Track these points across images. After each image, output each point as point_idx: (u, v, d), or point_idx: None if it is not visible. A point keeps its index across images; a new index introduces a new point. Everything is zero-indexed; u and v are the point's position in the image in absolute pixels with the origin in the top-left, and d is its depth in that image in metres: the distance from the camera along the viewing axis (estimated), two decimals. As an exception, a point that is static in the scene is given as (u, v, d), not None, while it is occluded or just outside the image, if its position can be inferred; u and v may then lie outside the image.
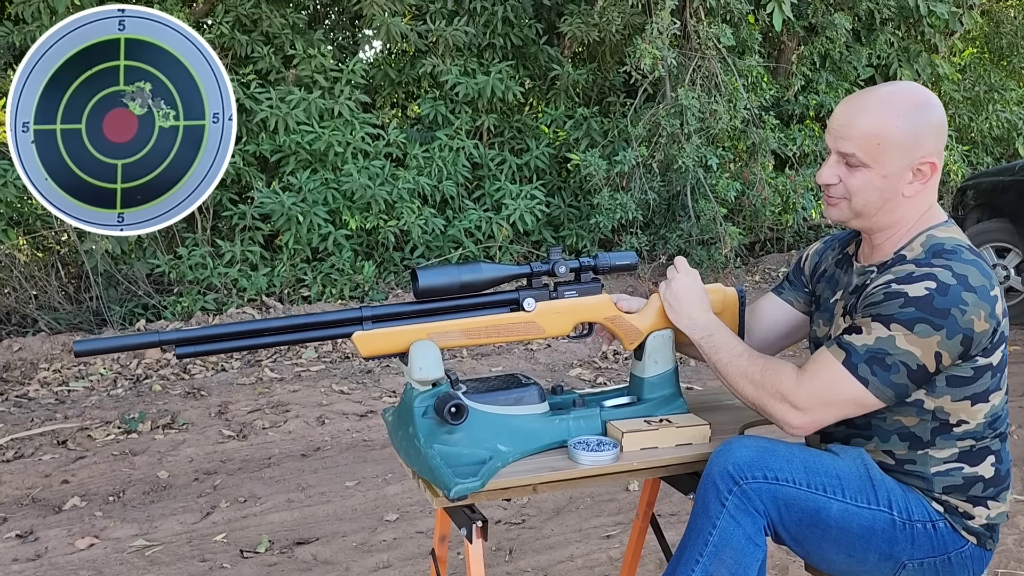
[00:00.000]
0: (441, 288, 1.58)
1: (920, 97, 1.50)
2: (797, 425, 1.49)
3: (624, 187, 6.48)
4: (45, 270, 5.59)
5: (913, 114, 1.47)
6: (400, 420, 1.64)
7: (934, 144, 1.49)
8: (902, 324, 1.40)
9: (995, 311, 1.43)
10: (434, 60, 6.37)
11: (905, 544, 1.47)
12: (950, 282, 1.39)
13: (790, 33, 7.46)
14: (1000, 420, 1.53)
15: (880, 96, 1.50)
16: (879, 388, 1.42)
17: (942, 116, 1.51)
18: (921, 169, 1.49)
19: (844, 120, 1.51)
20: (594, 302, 1.69)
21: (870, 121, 1.47)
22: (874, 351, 1.42)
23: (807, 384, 1.47)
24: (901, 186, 1.50)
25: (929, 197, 1.54)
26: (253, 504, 3.14)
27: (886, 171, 1.49)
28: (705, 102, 6.42)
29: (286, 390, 4.44)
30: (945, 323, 1.38)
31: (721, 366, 1.59)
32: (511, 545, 2.79)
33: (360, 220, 5.91)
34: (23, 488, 3.31)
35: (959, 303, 1.39)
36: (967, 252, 1.46)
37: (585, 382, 4.65)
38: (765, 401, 1.51)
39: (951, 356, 1.41)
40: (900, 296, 1.41)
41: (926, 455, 1.51)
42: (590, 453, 1.56)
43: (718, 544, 1.44)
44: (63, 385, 4.58)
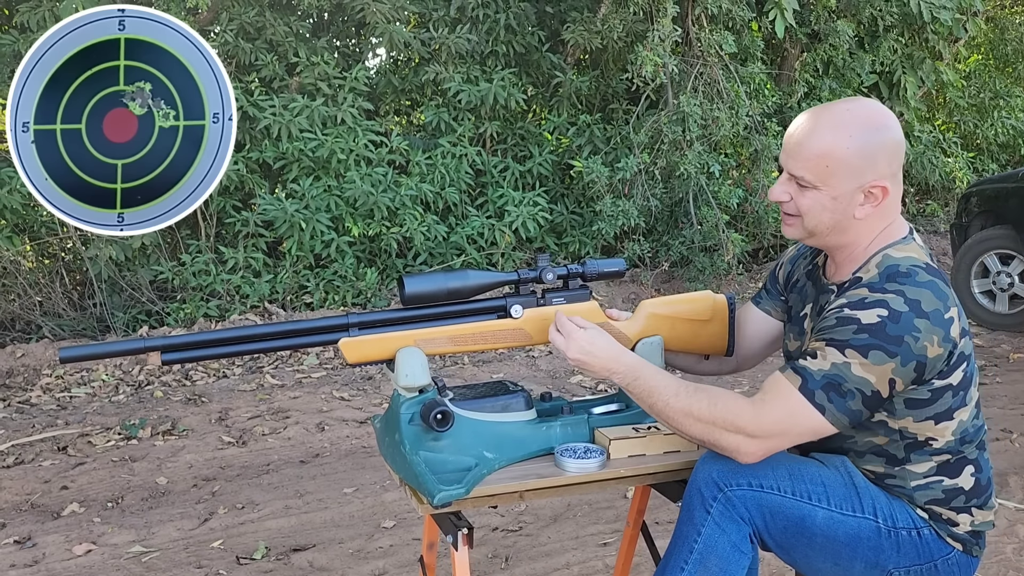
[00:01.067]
0: (428, 295, 1.58)
1: (876, 118, 1.46)
2: (751, 452, 1.44)
3: (626, 194, 6.48)
4: (49, 276, 5.62)
5: (866, 136, 1.44)
6: (387, 427, 1.64)
7: (887, 167, 1.46)
8: (857, 350, 1.38)
9: (950, 334, 1.40)
10: (437, 67, 6.39)
11: (891, 552, 1.46)
12: (902, 309, 1.37)
13: (793, 40, 7.45)
14: (975, 432, 1.52)
15: (834, 115, 1.46)
16: (835, 415, 1.40)
17: (897, 138, 1.47)
18: (872, 192, 1.46)
19: (796, 139, 1.48)
20: (582, 309, 1.69)
21: (820, 142, 1.45)
22: (831, 377, 1.39)
23: (766, 415, 1.43)
24: (852, 208, 1.47)
25: (885, 218, 1.50)
26: (251, 511, 3.15)
27: (835, 193, 1.46)
28: (707, 109, 6.42)
29: (287, 396, 4.45)
30: (899, 350, 1.36)
31: (659, 408, 1.50)
32: (507, 552, 2.79)
33: (363, 227, 5.92)
34: (22, 494, 3.33)
35: (911, 330, 1.37)
36: (923, 273, 1.42)
37: (586, 389, 4.65)
38: (716, 436, 1.45)
39: (904, 382, 1.40)
40: (853, 322, 1.39)
41: (904, 470, 1.50)
42: (576, 460, 1.57)
43: (703, 552, 1.44)
44: (65, 391, 4.60)
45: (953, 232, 6.11)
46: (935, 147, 8.34)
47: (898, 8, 7.33)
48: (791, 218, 1.54)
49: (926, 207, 8.99)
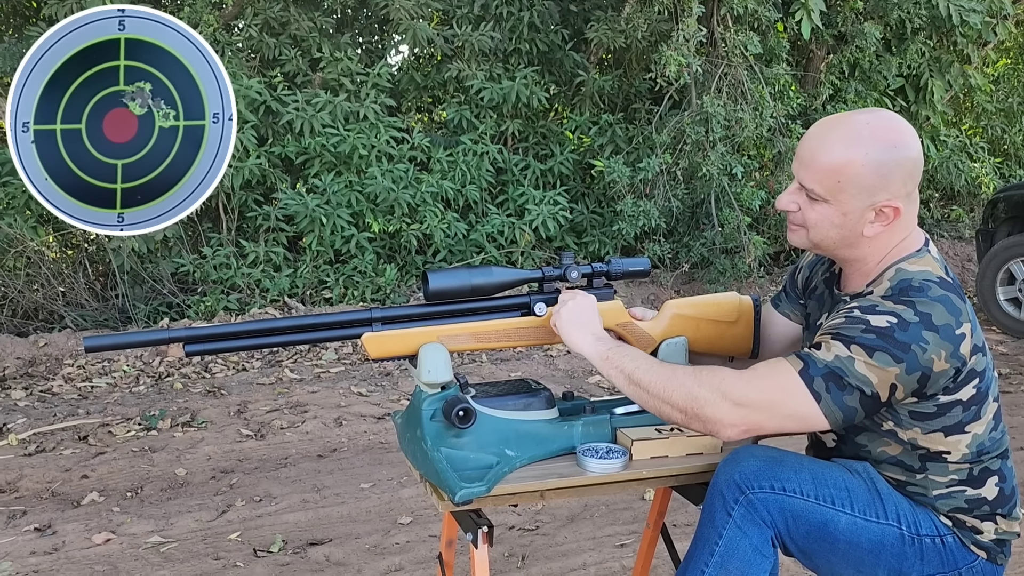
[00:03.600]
0: (452, 291, 1.58)
1: (894, 135, 1.41)
2: (731, 423, 1.38)
3: (648, 194, 6.45)
4: (73, 267, 5.67)
5: (882, 153, 1.39)
6: (408, 423, 1.64)
7: (902, 187, 1.42)
8: (863, 348, 1.35)
9: (959, 351, 1.37)
10: (460, 65, 6.39)
11: (915, 560, 1.44)
12: (912, 320, 1.35)
13: (819, 42, 7.38)
14: (993, 444, 1.48)
15: (851, 128, 1.42)
16: (830, 407, 1.37)
17: (915, 157, 1.42)
18: (884, 211, 1.43)
19: (809, 149, 1.45)
20: (606, 308, 1.67)
21: (834, 156, 1.41)
22: (833, 368, 1.36)
23: (756, 383, 1.39)
24: (860, 226, 1.44)
25: (897, 234, 1.47)
26: (268, 504, 3.16)
27: (845, 209, 1.43)
28: (731, 110, 6.37)
29: (305, 391, 4.46)
30: (905, 357, 1.34)
31: (638, 376, 1.45)
32: (524, 551, 2.78)
33: (383, 223, 5.93)
34: (43, 482, 3.35)
35: (919, 340, 1.34)
36: (936, 288, 1.39)
37: (604, 389, 4.63)
38: (699, 404, 1.39)
39: (905, 391, 1.37)
40: (862, 323, 1.37)
41: (926, 479, 1.48)
42: (599, 460, 1.55)
43: (724, 554, 1.42)
44: (86, 381, 4.64)
45: (979, 238, 6.03)
46: (961, 152, 8.24)
47: (927, 10, 7.23)
48: (796, 227, 1.51)
49: (951, 212, 8.88)
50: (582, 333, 1.55)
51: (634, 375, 1.46)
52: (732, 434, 1.40)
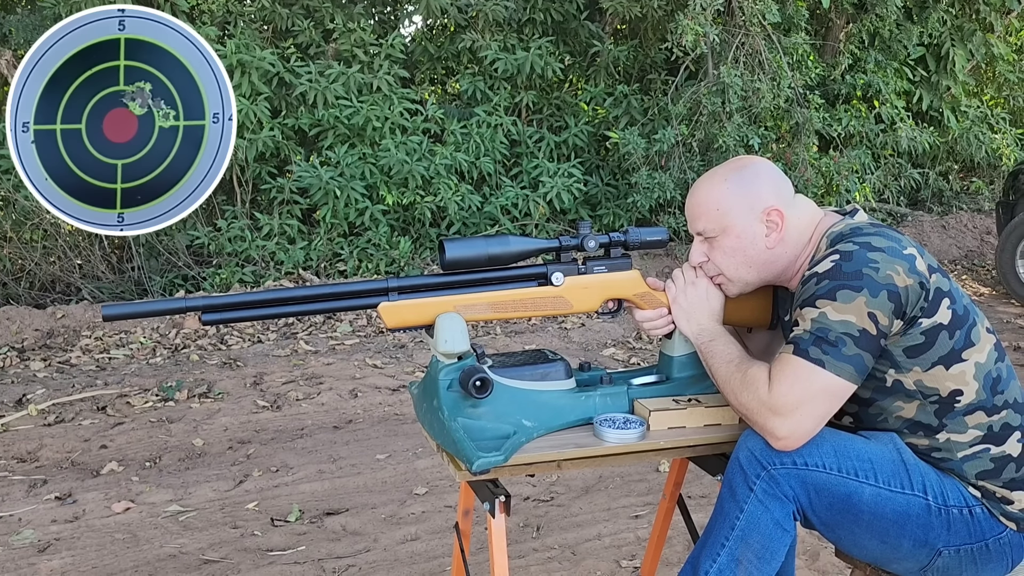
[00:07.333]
0: (468, 260, 1.56)
1: (741, 162, 1.60)
2: (782, 436, 1.41)
3: (663, 166, 6.39)
4: (89, 239, 5.69)
5: (737, 174, 1.56)
6: (425, 393, 1.63)
7: (772, 192, 1.56)
8: (824, 297, 1.41)
9: (915, 267, 1.42)
10: (474, 35, 6.33)
11: (940, 530, 1.43)
12: (852, 250, 1.43)
13: (838, 10, 7.25)
14: (1002, 382, 1.48)
15: (710, 174, 1.61)
16: (835, 365, 1.39)
17: (769, 168, 1.59)
18: (771, 220, 1.54)
19: (689, 205, 1.61)
20: (623, 278, 1.66)
21: (704, 195, 1.58)
22: (815, 332, 1.41)
23: (776, 389, 1.42)
24: (760, 242, 1.55)
25: (801, 234, 1.56)
26: (285, 474, 3.18)
27: (737, 231, 1.55)
28: (748, 80, 6.28)
29: (320, 363, 4.48)
30: (862, 283, 1.39)
31: (714, 369, 1.56)
32: (539, 522, 2.79)
33: (397, 196, 5.91)
34: (63, 452, 3.39)
35: (867, 263, 1.41)
36: (867, 227, 1.50)
37: (618, 362, 4.63)
38: (752, 411, 1.44)
39: (886, 315, 1.40)
40: (812, 277, 1.45)
41: (949, 441, 1.47)
42: (616, 431, 1.54)
43: (745, 528, 1.42)
44: (104, 353, 4.67)
45: (999, 210, 5.96)
46: (982, 123, 8.11)
47: (949, -23, 7.10)
48: (719, 278, 1.62)
49: (971, 184, 8.77)
50: (689, 324, 1.64)
51: (714, 376, 1.56)
52: (788, 444, 1.42)
